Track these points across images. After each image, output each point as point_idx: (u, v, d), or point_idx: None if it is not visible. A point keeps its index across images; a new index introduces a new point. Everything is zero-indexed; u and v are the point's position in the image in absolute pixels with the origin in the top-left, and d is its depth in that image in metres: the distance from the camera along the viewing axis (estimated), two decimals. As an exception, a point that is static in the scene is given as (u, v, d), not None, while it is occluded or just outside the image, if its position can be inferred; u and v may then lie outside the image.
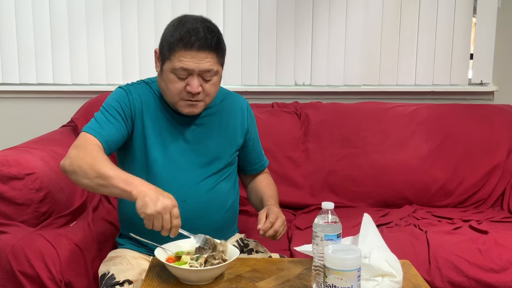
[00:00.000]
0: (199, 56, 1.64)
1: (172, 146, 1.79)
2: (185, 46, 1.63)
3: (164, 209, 1.43)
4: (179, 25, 1.67)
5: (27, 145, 2.31)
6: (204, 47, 1.64)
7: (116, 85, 2.99)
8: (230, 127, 1.88)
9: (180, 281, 1.44)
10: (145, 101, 1.79)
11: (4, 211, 2.04)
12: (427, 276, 1.99)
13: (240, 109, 1.93)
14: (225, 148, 1.86)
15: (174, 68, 1.66)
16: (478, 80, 3.08)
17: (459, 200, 2.63)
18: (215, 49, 1.67)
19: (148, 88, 1.83)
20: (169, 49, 1.66)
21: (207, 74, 1.67)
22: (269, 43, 3.01)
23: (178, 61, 1.64)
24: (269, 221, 1.66)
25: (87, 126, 1.72)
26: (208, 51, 1.65)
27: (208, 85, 1.70)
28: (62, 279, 1.91)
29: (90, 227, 2.10)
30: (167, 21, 3.01)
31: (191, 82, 1.66)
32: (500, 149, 2.66)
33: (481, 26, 3.03)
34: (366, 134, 2.69)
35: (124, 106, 1.76)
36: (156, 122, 1.78)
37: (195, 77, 1.66)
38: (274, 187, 2.01)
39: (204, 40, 1.63)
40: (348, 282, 1.24)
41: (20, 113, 3.06)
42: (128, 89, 1.81)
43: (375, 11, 3.00)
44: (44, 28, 2.98)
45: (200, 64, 1.65)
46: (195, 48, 1.63)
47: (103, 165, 1.55)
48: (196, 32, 1.63)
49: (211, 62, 1.66)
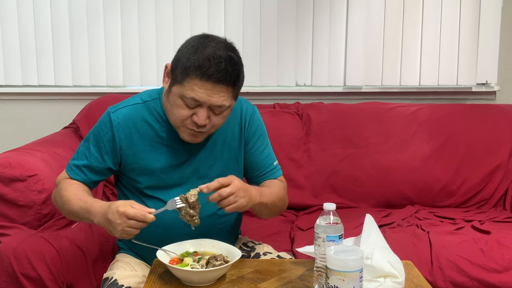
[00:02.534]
0: (214, 89, 1.48)
1: (171, 172, 1.67)
2: (202, 75, 1.46)
3: (120, 223, 1.43)
4: (200, 47, 1.50)
5: (29, 147, 2.31)
6: (222, 81, 1.48)
7: (117, 87, 3.02)
8: (234, 143, 1.74)
9: (182, 283, 1.44)
10: (139, 128, 1.64)
11: (6, 213, 2.04)
12: (430, 276, 1.99)
13: (242, 120, 1.75)
14: (231, 168, 1.73)
15: (184, 96, 1.50)
16: (482, 80, 3.07)
17: (462, 200, 2.63)
18: (233, 84, 1.51)
19: (145, 109, 1.66)
20: (183, 73, 1.49)
21: (218, 108, 1.53)
22: (270, 44, 3.01)
23: (191, 89, 1.48)
24: (217, 181, 1.47)
25: (69, 162, 1.70)
26: (225, 85, 1.49)
27: (217, 118, 1.56)
28: (64, 280, 1.92)
29: (92, 229, 2.10)
30: (168, 23, 3.03)
31: (199, 113, 1.52)
32: (502, 149, 2.66)
33: (485, 25, 3.01)
34: (367, 135, 2.69)
35: (106, 140, 1.65)
36: (153, 148, 1.65)
37: (204, 109, 1.51)
38: (276, 189, 1.74)
39: (223, 73, 1.47)
40: (350, 283, 1.24)
41: (22, 115, 3.07)
42: (115, 119, 1.64)
43: (377, 11, 2.99)
44: (46, 30, 2.98)
45: (213, 98, 1.49)
46: (212, 80, 1.47)
47: (71, 204, 1.59)
48: (217, 62, 1.46)
49: (225, 97, 1.51)
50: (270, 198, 1.67)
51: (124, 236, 1.46)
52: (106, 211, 1.47)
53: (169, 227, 1.63)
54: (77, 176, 1.67)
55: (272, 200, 1.68)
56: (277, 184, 1.78)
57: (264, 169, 1.79)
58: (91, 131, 1.69)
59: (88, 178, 1.68)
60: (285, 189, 1.80)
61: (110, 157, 1.66)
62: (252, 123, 1.77)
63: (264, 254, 1.80)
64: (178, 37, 2.98)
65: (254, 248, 1.84)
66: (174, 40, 2.99)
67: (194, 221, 1.48)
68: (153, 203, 1.63)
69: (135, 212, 1.43)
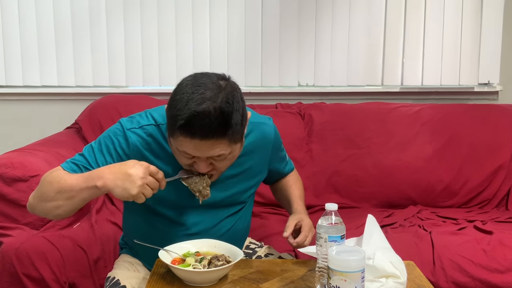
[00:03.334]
0: (205, 145, 1.37)
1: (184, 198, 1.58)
2: (187, 134, 1.36)
3: (143, 177, 1.36)
4: (183, 99, 1.36)
5: (32, 147, 2.32)
6: (208, 137, 1.36)
7: (120, 87, 3.03)
8: (254, 168, 1.68)
9: (184, 283, 1.44)
10: (154, 149, 1.55)
11: (9, 213, 2.05)
12: (432, 277, 1.98)
13: (266, 145, 1.70)
14: (246, 191, 1.69)
15: (178, 149, 1.43)
16: (485, 80, 3.07)
17: (464, 201, 2.62)
18: (223, 135, 1.37)
19: (158, 133, 1.56)
20: (172, 127, 1.39)
21: (217, 157, 1.43)
22: (272, 44, 3.01)
23: (181, 145, 1.40)
24: (304, 235, 1.60)
25: (67, 160, 1.55)
26: (215, 138, 1.37)
27: (220, 163, 1.46)
28: (66, 280, 1.92)
29: (94, 228, 2.11)
30: (170, 23, 3.04)
31: (198, 164, 1.45)
32: (504, 149, 2.66)
33: (487, 25, 3.01)
34: (370, 135, 2.69)
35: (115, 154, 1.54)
36: (166, 172, 1.49)
37: (203, 160, 1.43)
38: (300, 183, 1.90)
39: (208, 130, 1.35)
40: (352, 283, 1.24)
41: (25, 115, 3.07)
42: (132, 136, 1.54)
43: (379, 11, 3.00)
44: (48, 30, 2.99)
45: (206, 152, 1.40)
46: (198, 137, 1.36)
47: (63, 179, 1.44)
48: (200, 118, 1.33)
49: (220, 148, 1.39)
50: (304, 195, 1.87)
51: (140, 196, 1.36)
52: (120, 167, 1.38)
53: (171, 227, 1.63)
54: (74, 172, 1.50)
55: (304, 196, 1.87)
56: (295, 176, 1.94)
57: (282, 172, 1.90)
58: (100, 139, 1.57)
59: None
60: (299, 178, 1.95)
61: None
62: (276, 143, 1.75)
63: (266, 256, 1.81)
64: (180, 37, 2.99)
65: (256, 251, 1.84)
66: (177, 40, 2.99)
67: (207, 191, 1.46)
68: (160, 219, 1.62)
69: (156, 169, 1.39)
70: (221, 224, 1.66)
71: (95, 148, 1.55)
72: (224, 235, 1.64)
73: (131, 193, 1.35)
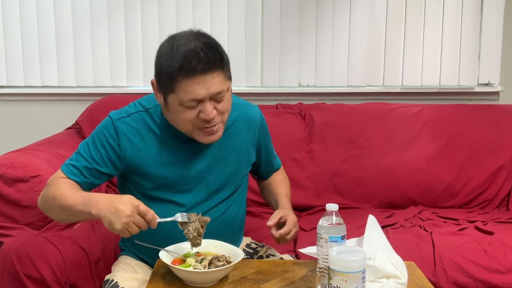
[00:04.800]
0: (206, 79, 1.46)
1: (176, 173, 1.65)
2: (188, 74, 1.44)
3: (130, 215, 1.38)
4: (172, 50, 1.47)
5: (32, 148, 2.32)
6: (208, 69, 1.46)
7: (120, 87, 3.02)
8: (243, 149, 1.74)
9: (185, 283, 1.44)
10: (144, 135, 1.63)
11: (9, 214, 2.05)
12: (432, 277, 1.98)
13: (252, 126, 1.76)
14: (237, 173, 1.74)
15: (182, 101, 1.49)
16: (485, 80, 3.07)
17: (465, 201, 2.62)
18: (220, 66, 1.49)
19: (148, 117, 1.64)
20: (170, 81, 1.47)
21: (219, 95, 1.51)
22: (273, 44, 3.01)
23: (185, 92, 1.47)
24: (288, 228, 1.63)
25: (66, 162, 1.64)
26: (213, 71, 1.47)
27: (221, 105, 1.54)
28: (66, 281, 1.92)
29: (94, 229, 2.11)
30: (171, 23, 3.04)
31: (204, 109, 1.50)
32: (505, 150, 2.65)
33: (487, 25, 3.01)
34: (370, 135, 2.68)
35: (108, 146, 1.61)
36: (158, 153, 1.63)
37: (207, 103, 1.50)
38: (287, 183, 1.94)
39: (206, 62, 1.45)
40: (352, 284, 1.24)
41: (25, 116, 3.07)
42: (121, 126, 1.62)
43: (380, 11, 2.99)
44: (49, 30, 2.99)
45: (209, 88, 1.47)
46: (199, 73, 1.45)
47: (65, 197, 1.52)
48: (195, 54, 1.44)
49: (219, 82, 1.49)
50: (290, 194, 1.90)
51: (125, 232, 1.40)
52: (114, 201, 1.41)
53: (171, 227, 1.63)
54: (76, 177, 1.60)
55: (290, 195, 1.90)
56: (282, 175, 1.98)
57: (272, 164, 1.94)
58: (93, 135, 1.64)
59: (85, 180, 1.61)
60: (286, 177, 1.99)
61: (111, 163, 1.62)
62: (263, 127, 1.81)
63: (267, 256, 1.80)
64: (181, 37, 2.98)
65: (257, 250, 1.84)
66: (177, 40, 2.99)
67: (198, 240, 1.48)
68: (158, 205, 1.61)
69: (147, 209, 1.41)
70: (216, 208, 1.70)
71: (90, 145, 1.63)
72: (218, 218, 1.68)
73: (115, 227, 1.40)
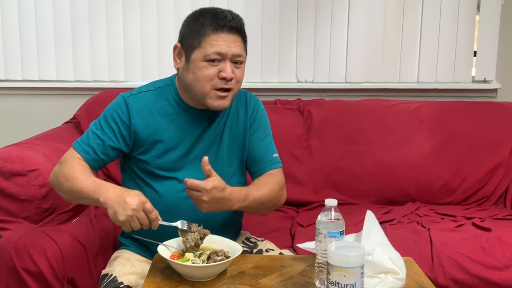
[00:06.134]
0: (230, 38, 1.62)
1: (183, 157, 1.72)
2: (216, 28, 1.61)
3: (135, 209, 1.42)
4: (201, 14, 1.66)
5: (30, 142, 2.32)
6: (233, 29, 1.63)
7: (119, 82, 3.02)
8: (238, 129, 1.80)
9: (183, 278, 1.44)
10: (154, 111, 1.71)
11: (7, 208, 2.04)
12: (430, 273, 1.99)
13: (247, 107, 1.82)
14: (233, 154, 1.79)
15: (207, 54, 1.61)
16: (481, 77, 3.07)
17: (462, 198, 2.62)
18: (243, 34, 1.67)
19: (159, 95, 1.74)
20: (198, 36, 1.62)
21: (238, 58, 1.64)
22: (271, 40, 3.01)
23: (211, 46, 1.60)
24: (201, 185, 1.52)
25: (78, 140, 1.71)
26: (237, 34, 1.64)
27: (238, 71, 1.66)
28: (64, 275, 1.92)
29: (92, 223, 2.10)
30: (169, 16, 3.03)
31: (224, 68, 1.62)
32: (503, 147, 2.66)
33: (484, 23, 3.02)
34: (369, 131, 2.69)
35: (120, 122, 1.69)
36: (167, 128, 1.71)
37: (228, 63, 1.62)
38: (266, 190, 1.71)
39: (233, 22, 1.63)
40: (351, 279, 1.24)
41: (23, 110, 3.06)
42: (132, 103, 1.70)
43: (378, 8, 2.99)
44: (47, 24, 2.98)
45: (232, 47, 1.62)
46: (226, 30, 1.61)
47: (76, 180, 1.58)
48: (224, 15, 1.63)
49: (240, 47, 1.64)
50: (255, 201, 1.67)
51: (127, 225, 1.44)
52: (124, 193, 1.47)
53: None
54: (87, 154, 1.66)
55: (259, 202, 1.69)
56: (271, 182, 1.76)
57: (264, 160, 1.80)
58: (104, 113, 1.72)
59: (97, 157, 1.67)
60: (279, 185, 1.77)
61: (123, 139, 1.69)
62: (257, 112, 1.84)
63: (266, 251, 1.80)
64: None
65: (257, 244, 1.84)
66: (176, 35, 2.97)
67: (194, 251, 1.50)
68: (159, 182, 1.69)
69: (153, 208, 1.46)
70: None
71: (102, 121, 1.70)
72: None
73: (119, 218, 1.43)
